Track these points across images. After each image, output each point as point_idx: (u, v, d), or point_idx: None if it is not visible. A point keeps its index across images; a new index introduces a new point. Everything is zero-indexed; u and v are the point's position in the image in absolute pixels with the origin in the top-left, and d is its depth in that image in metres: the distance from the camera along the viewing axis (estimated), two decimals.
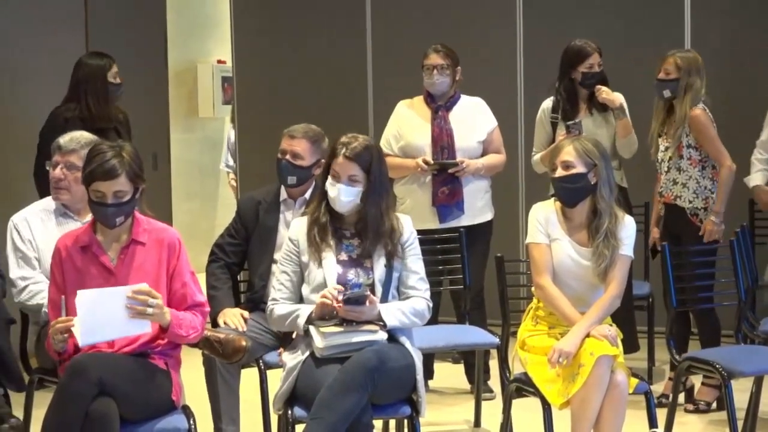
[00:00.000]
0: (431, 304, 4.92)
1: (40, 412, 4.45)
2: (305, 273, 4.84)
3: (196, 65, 11.78)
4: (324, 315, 4.71)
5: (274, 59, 9.27)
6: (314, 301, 4.75)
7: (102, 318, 4.38)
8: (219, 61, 11.81)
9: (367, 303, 4.67)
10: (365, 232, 4.84)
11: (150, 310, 4.42)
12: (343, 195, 4.79)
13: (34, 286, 5.18)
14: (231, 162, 10.80)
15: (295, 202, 5.69)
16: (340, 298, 4.66)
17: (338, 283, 4.76)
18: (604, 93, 6.67)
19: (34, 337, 5.27)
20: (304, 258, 4.85)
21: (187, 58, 11.57)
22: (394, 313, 4.76)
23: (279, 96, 9.20)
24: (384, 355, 4.57)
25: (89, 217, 4.82)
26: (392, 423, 5.73)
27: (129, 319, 4.41)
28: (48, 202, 5.39)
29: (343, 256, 4.84)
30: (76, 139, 5.33)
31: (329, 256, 4.81)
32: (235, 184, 10.73)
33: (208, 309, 4.77)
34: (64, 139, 5.35)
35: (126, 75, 7.09)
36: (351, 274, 4.80)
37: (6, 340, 5.03)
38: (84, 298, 4.35)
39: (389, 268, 4.83)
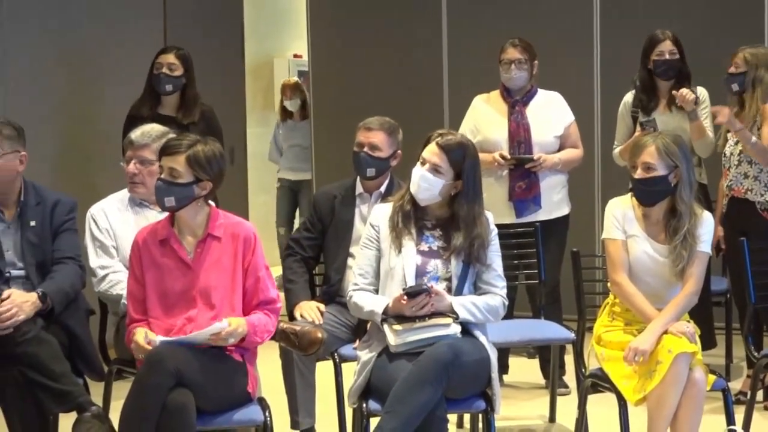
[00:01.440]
0: (507, 303, 4.90)
1: (119, 403, 4.50)
2: (383, 259, 4.84)
3: (273, 59, 11.82)
4: (399, 312, 4.70)
5: (349, 54, 9.27)
6: (390, 290, 4.76)
7: None
8: (295, 56, 11.84)
9: (429, 296, 4.64)
10: (450, 229, 4.81)
11: (230, 341, 4.55)
12: (422, 181, 4.78)
13: (113, 276, 5.21)
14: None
15: (370, 195, 5.69)
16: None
17: (417, 274, 4.76)
18: (679, 95, 6.55)
19: (113, 328, 5.31)
20: (384, 245, 4.85)
21: (263, 52, 11.61)
22: (466, 305, 4.74)
23: (354, 91, 9.19)
24: (458, 349, 4.56)
25: None
26: (466, 417, 5.73)
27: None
28: (124, 193, 5.42)
29: (423, 247, 4.83)
30: (147, 132, 5.34)
31: (409, 245, 4.81)
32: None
33: (279, 305, 4.79)
34: (135, 134, 5.36)
35: (203, 69, 7.13)
36: (430, 266, 4.80)
37: (86, 330, 5.10)
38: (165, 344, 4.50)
39: (467, 264, 4.81)
